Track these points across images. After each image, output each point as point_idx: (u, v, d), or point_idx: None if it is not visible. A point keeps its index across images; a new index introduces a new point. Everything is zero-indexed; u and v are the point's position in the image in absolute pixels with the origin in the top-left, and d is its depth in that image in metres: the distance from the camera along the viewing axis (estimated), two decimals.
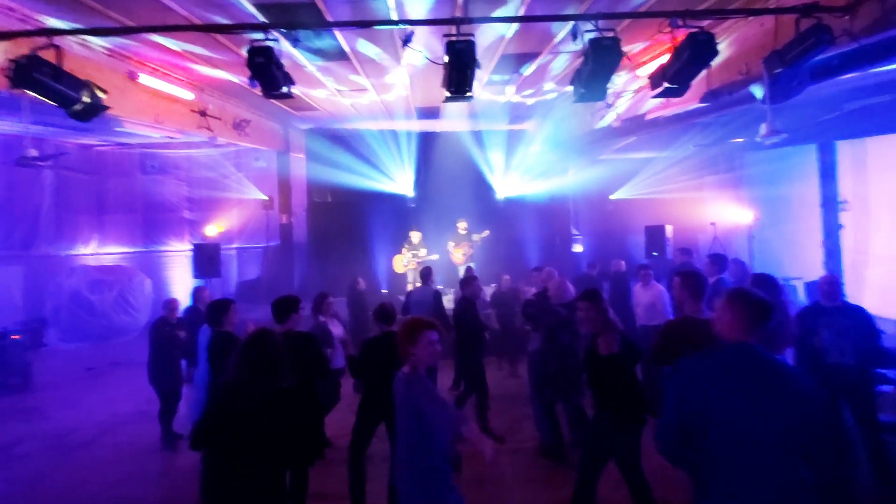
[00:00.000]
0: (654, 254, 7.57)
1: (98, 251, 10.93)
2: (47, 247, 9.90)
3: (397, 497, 2.37)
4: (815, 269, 8.55)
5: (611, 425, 2.94)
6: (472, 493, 3.85)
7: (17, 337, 7.12)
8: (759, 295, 1.95)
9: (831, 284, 3.82)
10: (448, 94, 4.05)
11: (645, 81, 4.93)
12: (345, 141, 10.22)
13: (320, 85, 7.06)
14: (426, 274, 6.09)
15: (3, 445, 5.07)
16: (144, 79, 5.76)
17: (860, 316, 3.69)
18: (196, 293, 5.54)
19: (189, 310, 5.42)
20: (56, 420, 5.78)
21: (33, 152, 4.40)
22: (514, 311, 6.68)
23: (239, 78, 6.27)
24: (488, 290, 9.00)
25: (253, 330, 2.50)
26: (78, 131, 8.44)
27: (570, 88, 4.35)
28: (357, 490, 3.49)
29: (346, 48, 5.55)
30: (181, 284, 10.70)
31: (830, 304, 3.76)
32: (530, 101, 8.33)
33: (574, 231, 11.03)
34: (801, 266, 8.02)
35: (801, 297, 7.41)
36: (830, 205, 8.58)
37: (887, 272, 6.97)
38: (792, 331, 3.35)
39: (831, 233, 8.55)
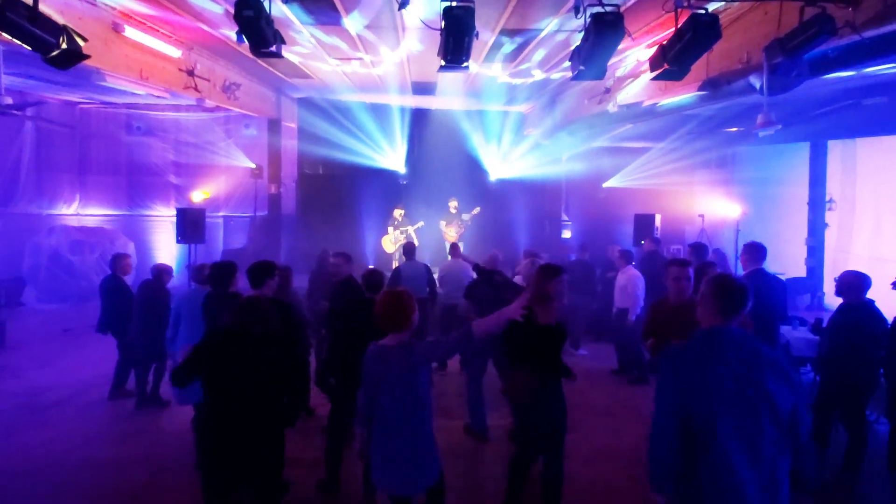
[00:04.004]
0: (642, 242, 7.61)
1: (80, 212, 10.66)
2: (27, 204, 9.62)
3: (376, 458, 2.42)
4: (797, 265, 8.69)
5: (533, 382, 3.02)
6: None
7: None
8: (737, 280, 1.94)
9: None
10: (443, 64, 3.94)
11: (645, 65, 4.85)
12: (338, 112, 9.99)
13: (313, 49, 6.85)
14: (410, 249, 6.07)
15: None
16: (130, 32, 5.52)
17: None
18: (114, 261, 5.39)
19: (109, 277, 5.26)
20: (28, 379, 5.69)
21: (8, 100, 4.20)
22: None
23: (226, 34, 6.04)
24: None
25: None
26: (61, 86, 8.11)
27: (568, 71, 4.26)
28: (333, 457, 3.47)
29: (342, 10, 5.36)
30: (165, 249, 10.53)
31: None
32: (528, 81, 8.19)
33: (564, 217, 11.02)
34: (783, 262, 8.14)
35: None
36: (818, 205, 8.71)
37: (867, 272, 7.08)
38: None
39: (816, 231, 8.69)
